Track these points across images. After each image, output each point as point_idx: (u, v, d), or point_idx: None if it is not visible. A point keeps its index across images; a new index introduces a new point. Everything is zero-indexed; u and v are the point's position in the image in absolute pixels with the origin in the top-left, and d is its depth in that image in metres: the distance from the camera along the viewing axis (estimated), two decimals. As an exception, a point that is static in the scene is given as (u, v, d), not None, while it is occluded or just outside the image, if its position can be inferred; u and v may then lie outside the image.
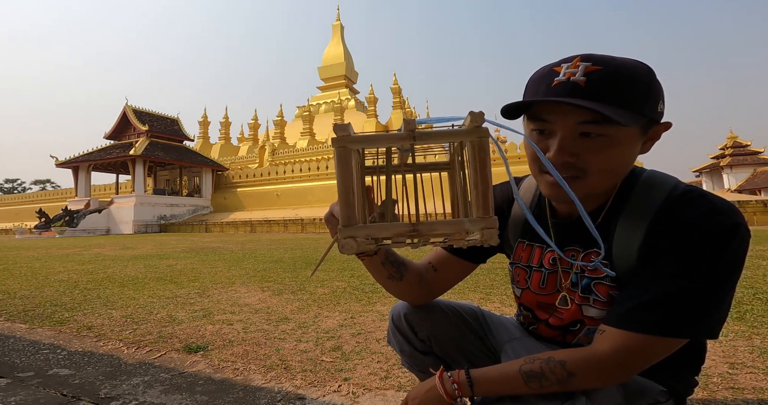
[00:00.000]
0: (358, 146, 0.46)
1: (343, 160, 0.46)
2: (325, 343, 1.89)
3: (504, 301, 2.66)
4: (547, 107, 0.61)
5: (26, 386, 1.49)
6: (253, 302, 2.85)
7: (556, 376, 0.61)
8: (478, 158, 0.47)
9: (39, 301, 3.06)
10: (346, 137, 0.46)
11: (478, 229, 0.46)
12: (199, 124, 34.45)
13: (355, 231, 0.46)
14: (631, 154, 0.62)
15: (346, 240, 0.46)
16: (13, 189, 66.99)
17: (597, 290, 0.68)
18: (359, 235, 0.46)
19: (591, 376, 0.61)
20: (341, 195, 0.46)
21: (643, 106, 0.57)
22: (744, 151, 33.11)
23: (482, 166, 0.47)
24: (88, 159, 24.09)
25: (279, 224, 19.16)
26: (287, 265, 5.02)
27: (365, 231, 0.47)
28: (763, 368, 1.46)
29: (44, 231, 21.07)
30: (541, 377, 0.62)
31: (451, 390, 0.66)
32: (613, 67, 0.57)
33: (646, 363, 0.60)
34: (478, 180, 0.47)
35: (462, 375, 0.67)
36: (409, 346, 0.92)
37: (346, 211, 0.46)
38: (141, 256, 6.67)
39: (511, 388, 0.64)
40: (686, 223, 0.59)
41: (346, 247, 0.47)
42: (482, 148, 0.47)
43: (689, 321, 0.58)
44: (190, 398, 1.36)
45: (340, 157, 0.46)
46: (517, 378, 0.63)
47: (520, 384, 0.63)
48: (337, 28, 40.47)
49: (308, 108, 33.29)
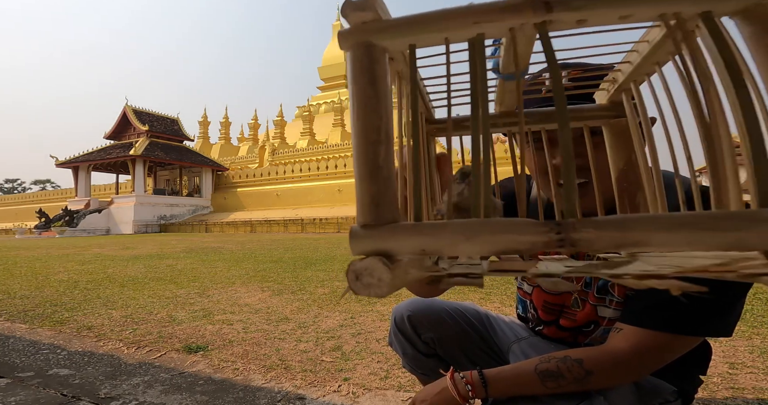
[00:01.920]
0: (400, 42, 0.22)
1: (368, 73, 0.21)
2: (325, 343, 1.89)
3: (504, 301, 2.66)
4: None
5: (26, 386, 1.49)
6: (253, 302, 2.85)
7: (574, 375, 0.61)
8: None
9: (39, 301, 3.06)
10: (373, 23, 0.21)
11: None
12: (199, 124, 34.46)
13: (392, 238, 0.20)
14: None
15: (370, 260, 0.20)
16: (13, 189, 67.04)
17: (614, 291, 0.68)
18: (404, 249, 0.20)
19: (609, 373, 0.61)
20: (359, 156, 0.21)
21: None
22: (744, 151, 33.18)
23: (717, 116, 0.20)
24: (88, 159, 24.10)
25: (279, 224, 19.16)
26: (287, 265, 5.02)
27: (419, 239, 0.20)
28: (763, 368, 1.46)
29: (44, 231, 21.07)
30: (558, 376, 0.61)
31: (465, 391, 0.65)
32: (592, 69, 0.59)
33: (663, 360, 0.61)
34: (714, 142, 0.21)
35: (475, 375, 0.65)
36: (412, 349, 0.92)
37: (371, 190, 0.21)
38: (141, 256, 6.67)
39: (527, 388, 0.63)
40: None
41: (366, 279, 0.20)
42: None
43: (706, 319, 0.58)
44: (190, 398, 1.36)
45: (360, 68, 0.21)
46: (533, 377, 0.62)
47: (536, 384, 0.62)
48: (337, 28, 40.45)
49: (308, 108, 33.30)
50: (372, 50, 0.21)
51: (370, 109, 0.21)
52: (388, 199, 0.21)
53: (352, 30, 0.22)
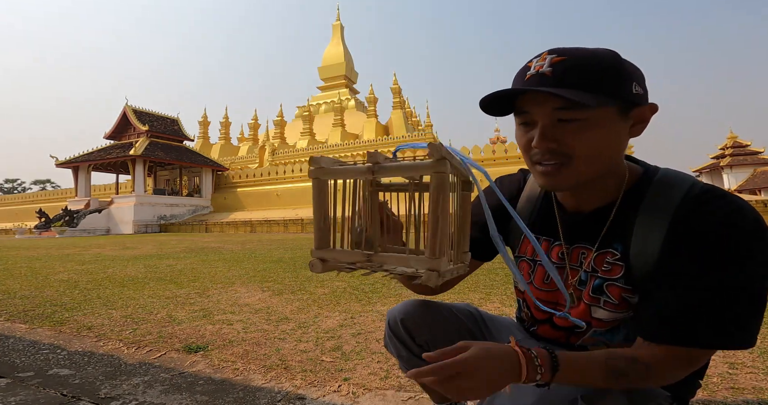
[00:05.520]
0: (328, 178, 0.52)
1: (317, 189, 0.52)
2: (325, 343, 1.89)
3: (504, 302, 2.65)
4: (525, 100, 0.63)
5: (26, 386, 1.49)
6: (253, 302, 2.85)
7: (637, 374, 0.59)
8: (433, 195, 0.44)
9: (39, 301, 3.06)
10: (319, 169, 0.52)
11: (423, 269, 0.45)
12: (199, 124, 34.44)
13: (323, 253, 0.52)
14: (614, 137, 0.62)
15: (315, 260, 0.53)
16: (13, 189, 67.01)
17: (609, 292, 0.67)
18: (327, 257, 0.52)
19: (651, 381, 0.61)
20: (315, 220, 0.53)
21: (610, 87, 0.59)
22: (744, 151, 33.10)
23: (436, 205, 0.44)
24: (88, 159, 24.08)
25: (279, 224, 19.15)
26: (287, 265, 5.02)
27: (330, 254, 0.52)
28: (763, 368, 1.46)
29: (44, 231, 21.05)
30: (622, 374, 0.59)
31: (534, 374, 0.56)
32: (576, 56, 0.60)
33: (695, 368, 0.62)
34: (432, 218, 0.44)
35: (547, 358, 0.58)
36: (407, 351, 0.91)
37: (319, 234, 0.53)
38: (141, 256, 6.67)
39: (589, 380, 0.59)
40: (714, 225, 0.58)
41: (314, 267, 0.53)
42: (439, 185, 0.43)
43: (729, 330, 0.57)
44: (190, 398, 1.36)
45: (315, 186, 0.52)
46: (600, 371, 0.59)
47: (599, 378, 0.59)
48: (337, 28, 40.46)
49: (308, 108, 33.29)
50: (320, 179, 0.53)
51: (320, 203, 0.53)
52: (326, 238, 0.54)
53: (313, 171, 0.52)
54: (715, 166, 34.22)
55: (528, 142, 0.65)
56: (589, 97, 0.57)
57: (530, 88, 0.60)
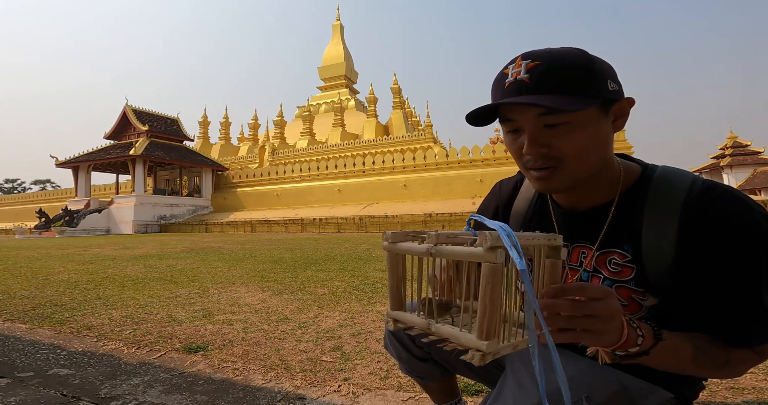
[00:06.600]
0: (397, 252, 0.58)
1: (390, 259, 0.60)
2: (325, 343, 1.89)
3: (504, 301, 2.65)
4: (509, 108, 0.64)
5: (26, 386, 1.49)
6: (253, 302, 2.85)
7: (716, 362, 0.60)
8: (482, 283, 0.45)
9: (39, 301, 3.06)
10: (390, 245, 0.58)
11: (472, 348, 0.47)
12: (199, 124, 34.43)
13: (396, 315, 0.61)
14: (600, 134, 0.63)
15: (390, 320, 0.61)
16: (13, 189, 67.01)
17: (618, 293, 0.67)
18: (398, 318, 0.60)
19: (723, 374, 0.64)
20: (389, 286, 0.62)
21: (587, 88, 0.59)
22: (744, 151, 33.10)
23: (485, 293, 0.45)
24: (88, 159, 24.08)
25: (279, 224, 19.15)
26: (287, 265, 5.02)
27: (402, 316, 0.60)
28: (763, 368, 1.46)
29: (44, 231, 21.07)
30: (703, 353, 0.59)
31: (635, 330, 0.53)
32: (550, 60, 0.60)
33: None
34: (481, 305, 0.46)
35: (648, 326, 0.55)
36: (407, 353, 0.91)
37: (392, 298, 0.62)
38: (141, 256, 6.67)
39: (682, 355, 0.58)
40: (730, 222, 0.59)
41: (388, 324, 0.62)
42: (487, 274, 0.45)
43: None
44: (190, 398, 1.36)
45: (389, 258, 0.60)
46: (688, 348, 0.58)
47: (688, 357, 0.58)
48: (337, 28, 40.46)
49: (308, 108, 33.29)
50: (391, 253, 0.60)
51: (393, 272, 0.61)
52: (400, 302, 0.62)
53: (386, 247, 0.59)
54: (715, 166, 34.21)
55: (519, 149, 0.65)
56: (570, 101, 0.58)
57: (512, 101, 0.60)
